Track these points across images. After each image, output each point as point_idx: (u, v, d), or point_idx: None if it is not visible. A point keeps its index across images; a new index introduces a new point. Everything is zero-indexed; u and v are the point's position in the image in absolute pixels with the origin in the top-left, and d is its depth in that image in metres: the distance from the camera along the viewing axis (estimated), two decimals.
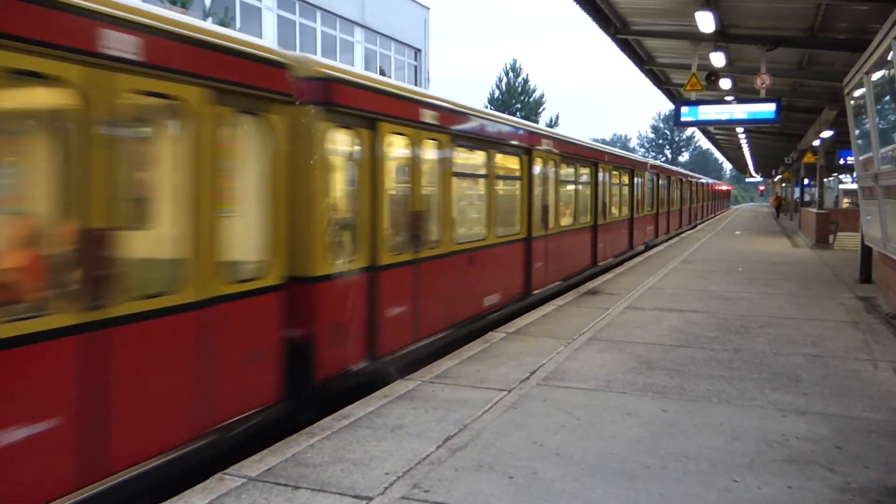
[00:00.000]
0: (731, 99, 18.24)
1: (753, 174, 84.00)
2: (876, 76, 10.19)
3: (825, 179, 35.08)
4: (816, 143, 25.57)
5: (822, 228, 23.63)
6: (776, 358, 7.69)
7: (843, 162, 32.92)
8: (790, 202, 48.34)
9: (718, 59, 15.58)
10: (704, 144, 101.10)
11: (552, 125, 54.42)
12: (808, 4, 12.38)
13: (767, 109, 16.09)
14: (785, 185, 55.38)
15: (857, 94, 11.75)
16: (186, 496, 4.17)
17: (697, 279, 14.45)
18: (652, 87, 23.00)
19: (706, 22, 13.18)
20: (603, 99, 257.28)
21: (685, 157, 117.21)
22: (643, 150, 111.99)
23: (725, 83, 17.41)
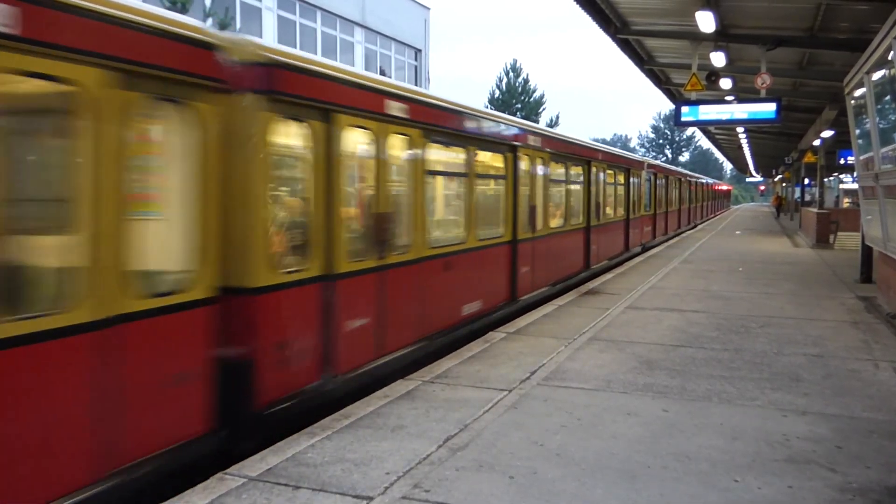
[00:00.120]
0: (731, 99, 18.24)
1: (754, 174, 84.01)
2: (876, 76, 10.20)
3: (826, 179, 35.09)
4: (817, 142, 25.57)
5: (822, 228, 23.64)
6: (777, 358, 7.69)
7: (843, 162, 32.92)
8: (790, 202, 48.35)
9: (719, 58, 15.58)
10: (705, 144, 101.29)
11: (552, 125, 54.44)
12: (808, 4, 12.38)
13: (768, 109, 16.09)
14: (785, 184, 55.38)
15: (857, 93, 11.75)
16: (187, 496, 4.17)
17: (698, 279, 14.45)
18: (652, 86, 23.00)
19: (706, 22, 13.18)
20: (603, 99, 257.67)
21: (686, 156, 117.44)
22: (643, 149, 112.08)
23: (726, 83, 17.41)
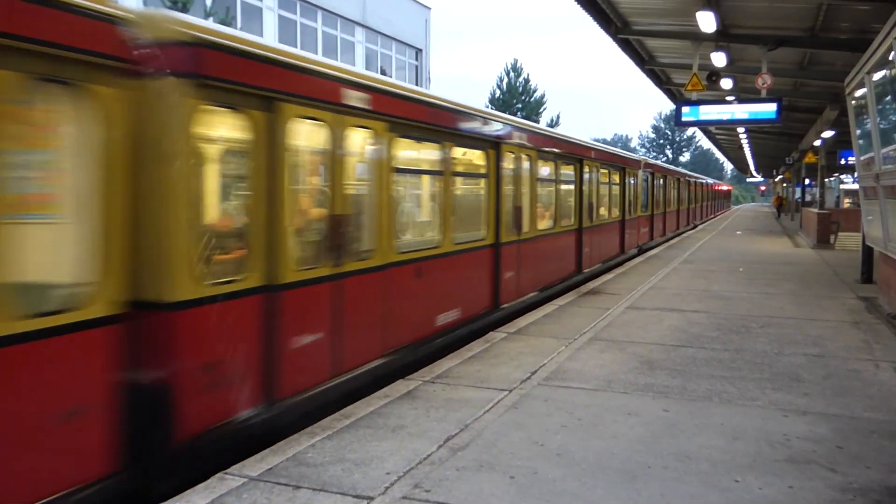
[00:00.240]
0: (732, 99, 18.26)
1: (754, 174, 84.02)
2: (877, 76, 10.20)
3: (826, 179, 35.04)
4: (817, 142, 25.57)
5: (823, 228, 23.64)
6: (777, 358, 7.69)
7: (844, 162, 33.00)
8: (791, 202, 48.35)
9: (719, 58, 15.58)
10: (705, 144, 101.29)
11: (553, 125, 54.46)
12: (809, 4, 12.38)
13: (768, 109, 16.10)
14: (786, 185, 55.42)
15: (858, 94, 11.75)
16: (187, 496, 4.17)
17: (698, 279, 14.45)
18: (653, 86, 23.02)
19: (707, 22, 13.19)
20: (603, 99, 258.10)
21: (686, 157, 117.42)
22: (644, 150, 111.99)
23: (726, 83, 17.42)
